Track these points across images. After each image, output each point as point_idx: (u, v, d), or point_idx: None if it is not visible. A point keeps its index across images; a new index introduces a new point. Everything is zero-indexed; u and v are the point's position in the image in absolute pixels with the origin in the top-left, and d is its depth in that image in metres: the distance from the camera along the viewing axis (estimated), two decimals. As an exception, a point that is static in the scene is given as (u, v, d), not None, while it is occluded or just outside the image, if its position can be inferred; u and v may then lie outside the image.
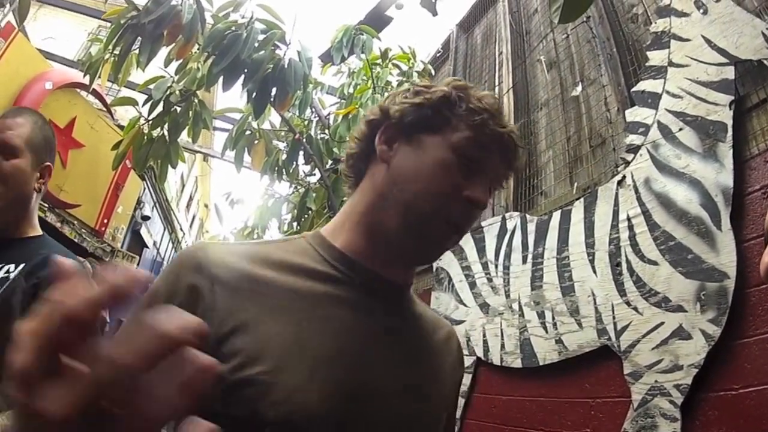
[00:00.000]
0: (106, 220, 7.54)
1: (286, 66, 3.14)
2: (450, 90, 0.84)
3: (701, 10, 2.05)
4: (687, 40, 2.11)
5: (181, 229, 14.92)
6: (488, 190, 0.84)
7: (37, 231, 1.42)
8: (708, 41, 2.00)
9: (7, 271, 1.24)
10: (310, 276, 0.77)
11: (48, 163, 1.42)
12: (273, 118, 4.18)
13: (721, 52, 1.94)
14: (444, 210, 0.78)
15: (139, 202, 9.32)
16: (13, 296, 1.19)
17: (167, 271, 0.74)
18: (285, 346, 0.68)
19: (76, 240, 6.76)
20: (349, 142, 0.93)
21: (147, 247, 11.10)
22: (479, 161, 0.82)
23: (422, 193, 0.78)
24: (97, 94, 7.04)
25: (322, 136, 4.15)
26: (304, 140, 3.93)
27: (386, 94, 0.91)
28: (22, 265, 1.25)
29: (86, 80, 3.64)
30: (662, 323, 1.96)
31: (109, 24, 3.22)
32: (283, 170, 4.10)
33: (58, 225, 6.49)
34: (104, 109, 7.43)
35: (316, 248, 0.83)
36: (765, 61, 1.77)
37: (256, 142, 3.98)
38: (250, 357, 0.65)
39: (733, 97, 1.88)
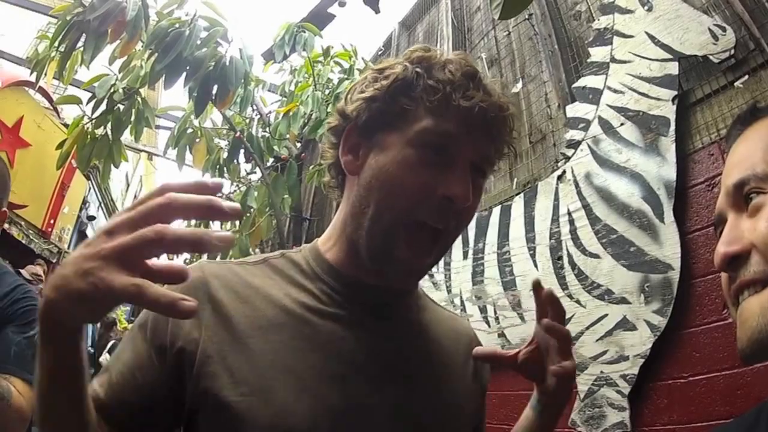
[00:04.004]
0: (52, 221, 7.36)
1: (227, 63, 3.12)
2: (406, 67, 0.74)
3: (646, 7, 2.09)
4: (630, 36, 2.15)
5: (127, 229, 14.69)
6: (470, 176, 0.73)
7: None
8: (652, 37, 2.04)
9: None
10: (300, 291, 0.75)
11: (5, 210, 1.49)
12: (215, 116, 4.20)
13: (665, 48, 1.98)
14: (417, 216, 0.71)
15: (84, 202, 9.15)
16: None
17: None
18: (271, 365, 0.67)
19: (23, 241, 6.53)
20: (324, 152, 0.86)
21: (95, 247, 10.97)
22: (448, 149, 0.72)
23: (388, 204, 0.71)
24: (43, 92, 6.85)
25: (263, 134, 4.20)
26: (245, 138, 3.95)
27: (348, 86, 0.82)
28: None
29: (33, 78, 3.59)
30: (606, 315, 1.98)
31: (57, 21, 3.14)
32: (225, 168, 4.13)
33: (6, 226, 6.24)
34: (51, 107, 7.15)
35: (310, 262, 0.80)
36: (711, 57, 1.81)
37: (197, 140, 4.00)
38: (236, 377, 0.65)
39: (676, 92, 1.93)
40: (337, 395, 0.67)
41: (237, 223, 4.34)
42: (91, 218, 9.70)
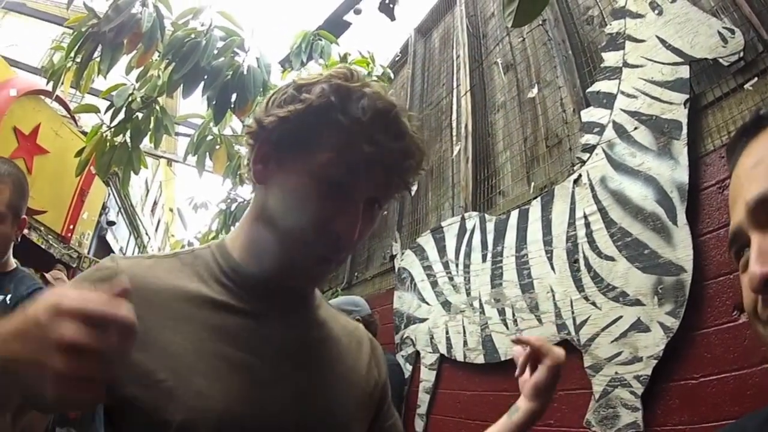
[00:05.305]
0: (72, 226, 7.41)
1: (245, 72, 3.15)
2: (323, 92, 0.73)
3: (656, 11, 2.11)
4: (642, 40, 2.17)
5: (147, 234, 14.88)
6: (360, 213, 0.75)
7: (13, 265, 1.69)
8: (663, 41, 2.06)
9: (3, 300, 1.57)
10: (207, 287, 0.79)
11: (24, 217, 1.62)
12: (234, 122, 4.20)
13: (676, 51, 2.00)
14: (310, 246, 0.75)
15: (104, 207, 9.22)
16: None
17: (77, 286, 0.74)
18: (184, 355, 0.70)
19: (43, 246, 6.56)
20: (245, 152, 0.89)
21: (113, 252, 10.95)
22: (344, 185, 0.74)
23: (286, 229, 0.75)
24: (60, 101, 6.97)
25: (282, 140, 4.16)
26: (264, 145, 3.94)
27: (268, 95, 0.83)
28: (8, 296, 1.58)
29: (49, 87, 3.63)
30: (620, 317, 2.00)
31: (71, 31, 3.19)
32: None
33: (26, 231, 6.33)
34: (68, 115, 7.31)
35: (218, 259, 0.83)
36: (720, 60, 1.83)
37: (217, 147, 4.01)
38: (152, 365, 0.68)
39: (687, 96, 1.94)
40: (246, 382, 0.72)
41: None
42: (111, 223, 9.71)
